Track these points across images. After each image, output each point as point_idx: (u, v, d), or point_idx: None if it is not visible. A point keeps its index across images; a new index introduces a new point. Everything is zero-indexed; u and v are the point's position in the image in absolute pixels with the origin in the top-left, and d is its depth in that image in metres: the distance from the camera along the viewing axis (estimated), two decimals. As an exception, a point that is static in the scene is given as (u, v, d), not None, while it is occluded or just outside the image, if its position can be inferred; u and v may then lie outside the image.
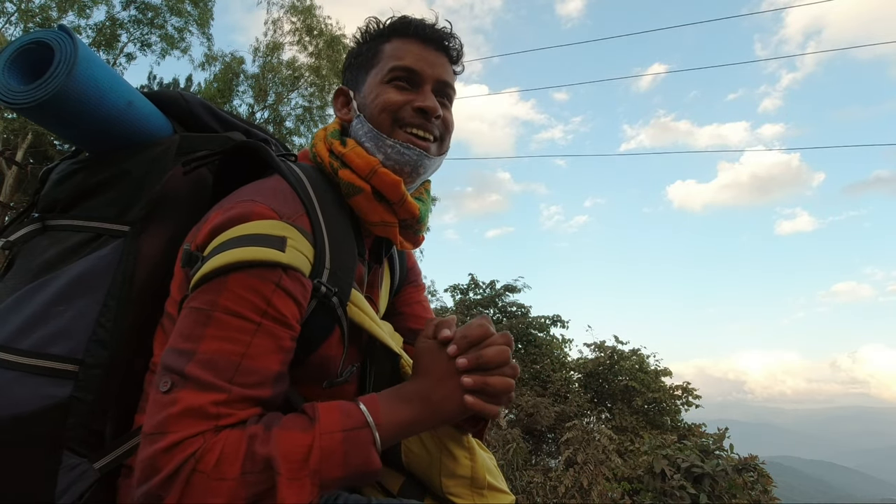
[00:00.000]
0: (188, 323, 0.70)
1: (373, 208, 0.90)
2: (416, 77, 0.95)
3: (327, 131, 0.98)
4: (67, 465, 0.74)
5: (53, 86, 0.79)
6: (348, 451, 0.68)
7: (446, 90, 0.99)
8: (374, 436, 0.71)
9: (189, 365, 0.66)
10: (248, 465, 0.64)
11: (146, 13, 14.81)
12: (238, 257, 0.71)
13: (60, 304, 0.79)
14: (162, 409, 0.65)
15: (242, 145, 0.90)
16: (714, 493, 5.52)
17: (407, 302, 1.17)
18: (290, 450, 0.65)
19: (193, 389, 0.66)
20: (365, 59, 0.99)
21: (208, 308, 0.69)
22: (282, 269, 0.73)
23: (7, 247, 0.89)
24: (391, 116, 0.92)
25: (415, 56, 0.95)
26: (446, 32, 0.99)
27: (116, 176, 0.89)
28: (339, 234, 0.84)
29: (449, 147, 1.02)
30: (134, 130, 0.91)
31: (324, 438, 0.67)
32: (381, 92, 0.94)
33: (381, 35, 0.99)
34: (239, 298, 0.70)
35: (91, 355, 0.78)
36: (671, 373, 9.50)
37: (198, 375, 0.66)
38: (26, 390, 0.74)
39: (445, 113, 0.98)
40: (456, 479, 0.90)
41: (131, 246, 0.84)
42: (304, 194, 0.83)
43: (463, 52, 1.02)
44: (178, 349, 0.69)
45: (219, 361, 0.67)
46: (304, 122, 17.24)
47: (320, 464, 0.66)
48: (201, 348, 0.67)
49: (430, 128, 0.94)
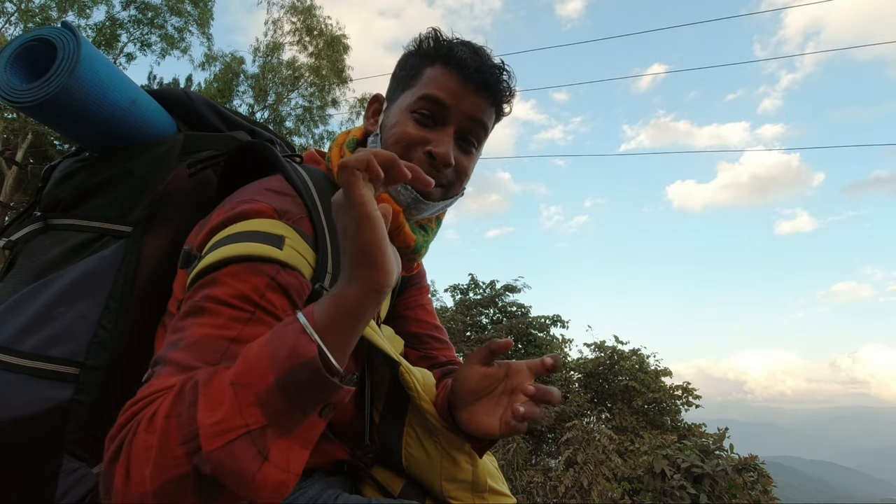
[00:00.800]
0: (181, 316, 0.68)
1: None
2: (443, 112, 0.89)
3: (348, 136, 0.96)
4: (67, 469, 0.73)
5: (56, 84, 0.78)
6: (274, 349, 0.55)
7: (476, 130, 0.92)
8: (302, 323, 0.57)
9: (173, 351, 0.63)
10: (177, 405, 0.54)
11: (146, 13, 14.81)
12: (233, 252, 0.69)
13: (62, 305, 0.78)
14: (139, 395, 0.60)
15: (247, 146, 0.89)
16: (714, 493, 5.52)
17: (409, 305, 1.16)
18: (211, 374, 0.56)
19: (171, 372, 0.60)
20: (406, 76, 0.94)
21: (200, 300, 0.66)
22: (278, 264, 0.70)
23: (9, 246, 0.88)
24: (402, 152, 0.87)
25: (448, 90, 0.88)
26: (494, 73, 0.90)
27: (119, 175, 0.88)
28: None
29: (461, 190, 0.96)
30: (137, 129, 0.91)
31: (249, 349, 0.58)
32: (402, 121, 0.90)
33: (429, 55, 0.92)
34: (232, 290, 0.67)
35: (92, 357, 0.77)
36: (671, 373, 9.50)
37: (179, 359, 0.61)
38: (27, 393, 0.73)
39: (462, 159, 0.92)
40: (457, 483, 0.90)
41: (133, 247, 0.84)
42: (307, 197, 0.81)
43: (512, 94, 0.93)
44: (167, 342, 0.66)
45: (204, 345, 0.62)
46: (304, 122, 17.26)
47: (245, 375, 0.55)
48: (188, 335, 0.64)
49: (437, 176, 0.89)
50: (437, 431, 0.91)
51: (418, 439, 0.93)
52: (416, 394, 0.91)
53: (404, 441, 0.94)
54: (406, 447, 0.93)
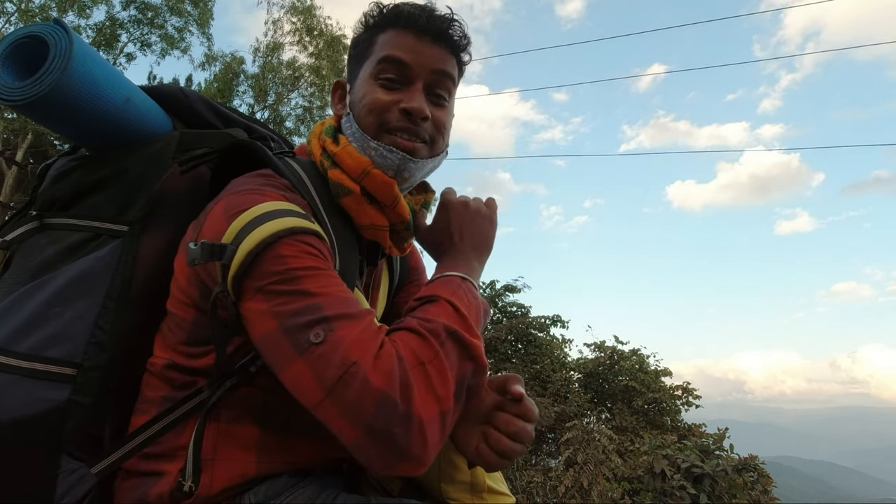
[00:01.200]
0: (276, 294, 0.66)
1: (363, 210, 0.87)
2: (407, 71, 0.88)
3: (324, 126, 0.95)
4: (66, 470, 0.73)
5: (48, 82, 0.77)
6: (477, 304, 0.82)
7: (443, 82, 0.91)
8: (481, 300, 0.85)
9: (320, 311, 0.65)
10: (435, 341, 0.69)
11: (146, 13, 14.80)
12: (278, 227, 0.69)
13: (58, 305, 0.78)
14: (333, 351, 0.62)
15: (239, 144, 0.88)
16: (714, 494, 5.52)
17: (408, 301, 1.16)
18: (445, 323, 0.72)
19: (347, 322, 0.65)
20: (360, 51, 0.94)
21: (283, 273, 0.67)
22: (315, 236, 0.73)
23: (4, 246, 0.87)
24: (377, 119, 0.87)
25: (406, 47, 0.88)
26: (445, 20, 0.89)
27: (115, 174, 0.88)
28: (341, 232, 0.83)
29: (445, 146, 0.96)
30: (132, 127, 0.90)
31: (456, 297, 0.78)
32: (369, 90, 0.88)
33: (378, 25, 0.92)
34: (300, 257, 0.68)
35: (89, 358, 0.77)
36: (671, 373, 9.50)
37: (338, 312, 0.65)
38: (24, 394, 0.73)
39: (438, 112, 0.91)
40: (455, 484, 0.91)
41: (130, 246, 0.83)
42: (301, 188, 0.82)
43: (468, 41, 0.93)
44: (290, 311, 0.65)
45: (338, 298, 0.67)
46: (305, 122, 17.25)
47: (475, 318, 0.78)
48: (317, 296, 0.66)
49: (417, 131, 0.88)
50: None
51: None
52: None
53: None
54: None
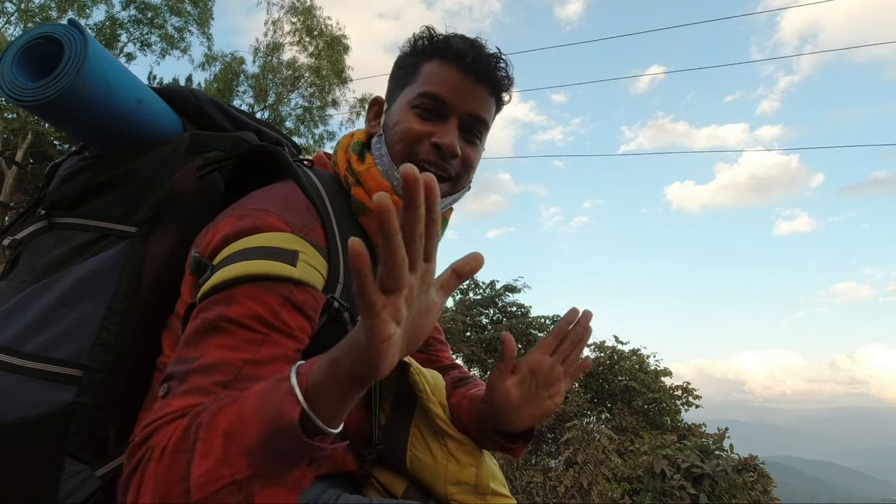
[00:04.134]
0: (194, 332, 0.69)
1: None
2: (444, 107, 0.89)
3: (352, 139, 0.96)
4: (69, 472, 0.72)
5: (63, 84, 0.77)
6: (264, 405, 0.56)
7: (476, 126, 0.92)
8: (292, 384, 0.55)
9: (189, 371, 0.66)
10: (183, 442, 0.58)
11: (146, 13, 14.77)
12: (247, 270, 0.69)
13: (65, 306, 0.78)
14: (156, 412, 0.65)
15: (258, 149, 0.88)
16: (714, 494, 5.52)
17: None
18: (213, 414, 0.58)
19: (185, 395, 0.64)
20: (403, 75, 0.95)
21: (215, 319, 0.68)
22: (292, 283, 0.71)
23: (12, 245, 0.87)
24: (407, 148, 0.88)
25: (448, 85, 0.88)
26: (492, 62, 0.90)
27: (124, 175, 0.87)
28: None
29: (468, 183, 0.97)
30: (143, 128, 0.90)
31: (246, 398, 0.59)
32: (405, 118, 0.90)
33: (425, 52, 0.92)
34: (247, 310, 0.68)
35: (95, 360, 0.76)
36: (671, 373, 9.50)
37: (194, 381, 0.65)
38: (29, 395, 0.73)
39: (468, 150, 0.92)
40: (461, 486, 0.91)
41: (137, 248, 0.83)
42: (320, 205, 0.81)
43: (511, 82, 0.93)
44: (182, 357, 0.68)
45: (220, 367, 0.66)
46: (305, 122, 17.25)
47: (236, 425, 0.56)
48: (204, 356, 0.66)
49: (445, 167, 0.90)
50: (444, 434, 0.92)
51: (424, 441, 0.93)
52: (425, 395, 0.91)
53: (410, 443, 0.94)
54: (412, 449, 0.93)
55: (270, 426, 0.54)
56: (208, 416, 0.58)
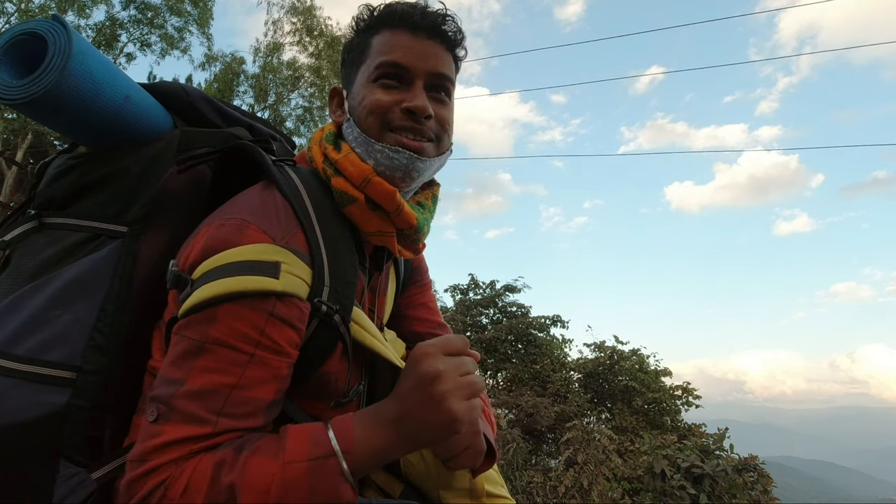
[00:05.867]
0: (179, 352, 0.69)
1: (368, 218, 0.86)
2: (406, 73, 0.87)
3: (323, 133, 0.94)
4: (64, 475, 0.72)
5: (47, 81, 0.76)
6: (314, 483, 0.64)
7: (442, 83, 0.90)
8: (342, 466, 0.66)
9: (177, 396, 0.66)
10: (213, 495, 0.63)
11: (146, 13, 14.79)
12: (228, 288, 0.69)
13: (57, 307, 0.77)
14: (147, 439, 0.66)
15: (240, 146, 0.87)
16: (714, 494, 5.51)
17: (412, 304, 1.14)
18: (253, 478, 0.63)
19: (179, 422, 0.66)
20: (355, 55, 0.93)
21: (200, 339, 0.68)
22: (275, 297, 0.71)
23: (3, 246, 0.85)
24: (380, 120, 0.86)
25: (403, 49, 0.87)
26: (439, 15, 0.88)
27: (114, 173, 0.86)
28: (337, 247, 0.81)
29: (450, 144, 0.94)
30: (133, 125, 0.88)
31: (287, 469, 0.64)
32: (369, 93, 0.87)
33: (371, 27, 0.91)
34: (231, 330, 0.68)
35: (88, 362, 0.75)
36: (671, 373, 9.50)
37: (184, 407, 0.66)
38: (22, 398, 0.72)
39: (440, 110, 0.90)
40: (454, 490, 0.90)
41: (129, 248, 0.82)
42: (299, 207, 0.80)
43: (463, 35, 0.92)
44: (168, 378, 0.68)
45: (208, 393, 0.66)
46: (305, 122, 17.26)
47: (283, 496, 0.63)
48: (191, 379, 0.67)
49: (422, 129, 0.87)
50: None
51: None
52: None
53: None
54: (405, 456, 0.91)
55: (325, 502, 0.65)
56: (238, 476, 0.63)
